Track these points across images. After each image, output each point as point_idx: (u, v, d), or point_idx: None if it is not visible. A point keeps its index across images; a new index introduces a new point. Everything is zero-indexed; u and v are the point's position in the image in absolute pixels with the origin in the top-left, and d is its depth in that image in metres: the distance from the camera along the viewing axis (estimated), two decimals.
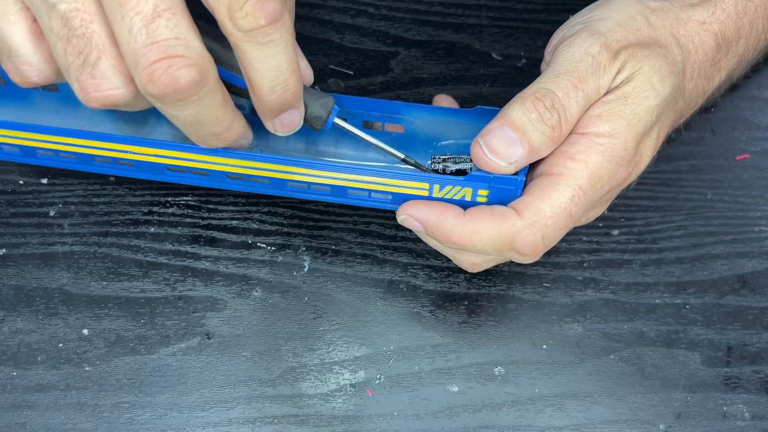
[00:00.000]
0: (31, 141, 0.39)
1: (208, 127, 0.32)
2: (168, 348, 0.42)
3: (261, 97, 0.31)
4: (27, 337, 0.41)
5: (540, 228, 0.35)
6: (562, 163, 0.35)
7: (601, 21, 0.37)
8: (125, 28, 0.27)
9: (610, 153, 0.35)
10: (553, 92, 0.34)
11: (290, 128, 0.34)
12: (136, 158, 0.38)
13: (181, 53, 0.28)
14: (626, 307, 0.44)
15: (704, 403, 0.42)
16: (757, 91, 0.51)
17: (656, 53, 0.36)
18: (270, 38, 0.29)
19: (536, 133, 0.34)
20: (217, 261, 0.44)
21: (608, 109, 0.35)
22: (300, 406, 0.40)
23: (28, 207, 0.45)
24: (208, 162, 0.37)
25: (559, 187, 0.35)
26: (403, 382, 0.41)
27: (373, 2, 0.53)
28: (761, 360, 0.43)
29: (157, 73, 0.27)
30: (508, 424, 0.40)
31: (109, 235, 0.44)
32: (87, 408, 0.40)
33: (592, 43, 0.35)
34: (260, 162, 0.36)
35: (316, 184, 0.37)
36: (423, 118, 0.40)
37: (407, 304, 0.43)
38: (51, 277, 0.43)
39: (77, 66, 0.29)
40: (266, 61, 0.30)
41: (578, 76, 0.34)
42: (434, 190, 0.36)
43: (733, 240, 0.46)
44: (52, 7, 0.28)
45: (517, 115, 0.34)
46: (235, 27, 0.28)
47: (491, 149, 0.34)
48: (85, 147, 0.38)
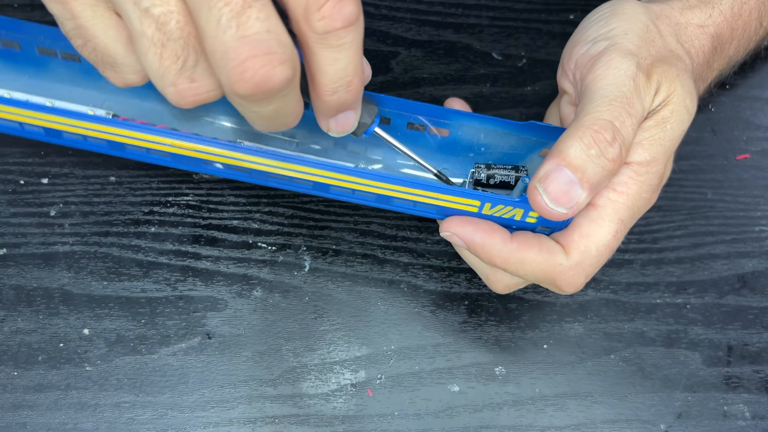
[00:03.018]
0: (58, 124, 0.36)
1: (282, 118, 0.30)
2: (168, 348, 0.42)
3: (322, 97, 0.30)
4: (28, 337, 0.41)
5: (585, 268, 0.35)
6: (605, 194, 0.35)
7: (624, 36, 0.36)
8: (213, 20, 0.25)
9: (648, 183, 0.35)
10: (612, 122, 0.33)
11: (345, 129, 0.33)
12: (173, 151, 0.36)
13: (275, 49, 0.26)
14: (627, 307, 0.44)
15: (705, 403, 0.42)
16: (757, 91, 0.51)
17: (682, 70, 0.37)
18: (343, 41, 0.28)
19: (597, 169, 0.33)
20: (217, 261, 0.44)
21: (649, 136, 0.35)
22: (301, 406, 0.40)
23: (29, 207, 0.45)
24: (250, 162, 0.36)
25: (604, 223, 0.35)
26: (404, 382, 0.41)
27: (373, 2, 0.53)
28: (762, 360, 0.43)
29: (249, 73, 0.26)
30: (508, 424, 0.40)
31: (109, 234, 0.44)
32: (88, 408, 0.40)
33: (629, 66, 0.35)
34: (306, 166, 0.35)
35: (362, 192, 0.37)
36: (469, 125, 0.39)
37: (408, 303, 0.43)
38: (51, 276, 0.43)
39: (175, 71, 0.28)
40: (335, 63, 0.29)
41: (628, 101, 0.34)
42: (485, 208, 0.36)
43: (733, 240, 0.46)
44: (146, 12, 0.27)
45: (575, 152, 0.32)
46: (310, 28, 0.27)
47: (553, 198, 0.33)
48: (117, 135, 0.36)
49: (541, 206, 0.33)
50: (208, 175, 0.46)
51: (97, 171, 0.46)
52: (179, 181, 0.46)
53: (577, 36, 0.39)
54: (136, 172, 0.46)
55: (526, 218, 0.36)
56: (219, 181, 0.46)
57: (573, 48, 0.38)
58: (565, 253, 0.35)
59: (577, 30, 0.39)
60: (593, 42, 0.37)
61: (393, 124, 0.40)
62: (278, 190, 0.46)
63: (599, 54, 0.36)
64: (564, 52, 0.39)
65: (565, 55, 0.39)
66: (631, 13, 0.37)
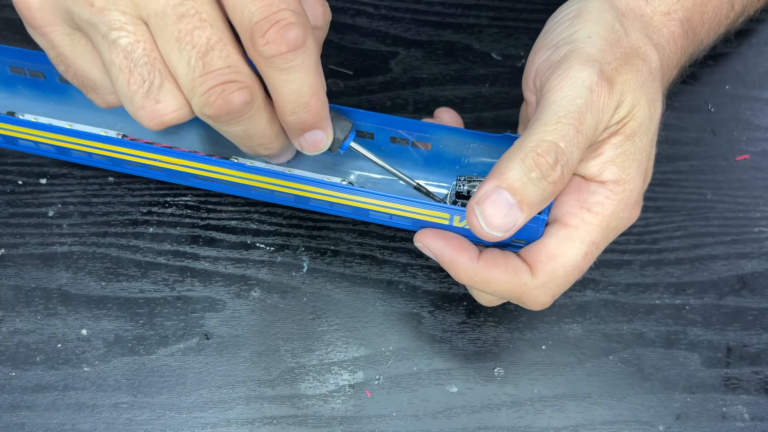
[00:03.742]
0: (66, 143, 0.40)
1: (256, 139, 0.33)
2: (167, 348, 0.41)
3: (283, 117, 0.32)
4: (26, 338, 0.41)
5: (551, 288, 0.35)
6: (579, 214, 0.35)
7: (587, 40, 0.35)
8: (183, 61, 0.30)
9: (625, 201, 0.35)
10: (556, 144, 0.32)
11: (316, 148, 0.34)
12: (168, 167, 0.39)
13: (233, 79, 0.30)
14: (626, 308, 0.44)
15: (704, 404, 0.41)
16: (757, 92, 0.51)
17: (647, 76, 0.35)
18: (291, 65, 0.30)
19: (537, 192, 0.32)
20: (216, 261, 0.44)
21: (621, 152, 0.35)
22: (299, 407, 0.40)
23: (27, 207, 0.45)
24: (235, 176, 0.38)
25: (574, 244, 0.34)
26: (402, 383, 0.41)
27: (372, 2, 0.53)
28: (761, 361, 0.43)
29: (212, 98, 0.30)
30: (507, 425, 0.40)
31: (108, 235, 0.44)
32: (85, 408, 0.40)
33: (589, 74, 0.33)
34: (286, 180, 0.37)
35: (339, 205, 0.38)
36: (450, 138, 0.40)
37: (406, 304, 0.43)
38: (50, 277, 0.43)
39: (142, 94, 0.31)
40: (286, 85, 0.31)
41: (579, 117, 0.32)
42: (454, 221, 0.36)
43: (732, 241, 0.46)
44: (113, 43, 0.30)
45: (515, 174, 0.32)
46: (257, 53, 0.30)
47: (488, 221, 0.32)
48: (116, 152, 0.39)
49: (476, 228, 0.32)
50: None
51: (96, 172, 0.46)
52: None
53: (540, 40, 0.37)
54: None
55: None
56: None
57: (535, 54, 0.37)
58: (531, 273, 0.35)
59: (541, 33, 0.38)
60: (555, 47, 0.35)
61: (376, 139, 0.41)
62: None
63: (560, 61, 0.34)
64: (528, 59, 0.38)
65: (528, 62, 0.38)
66: (597, 12, 0.36)
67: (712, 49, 0.46)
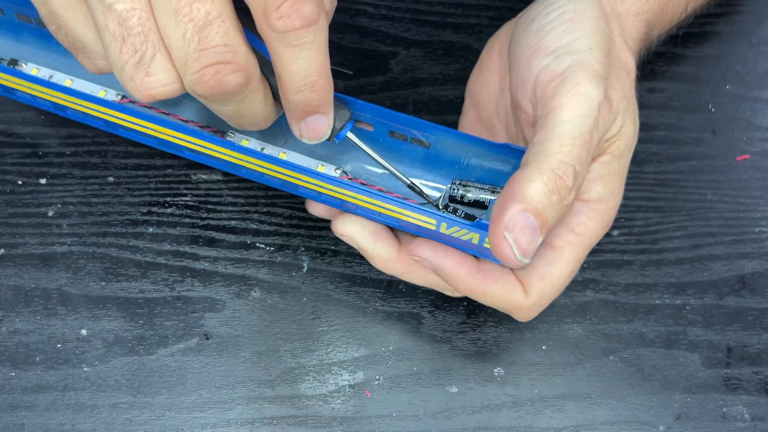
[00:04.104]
0: (62, 101, 0.39)
1: (246, 118, 0.33)
2: (166, 348, 0.41)
3: (287, 96, 0.31)
4: (25, 338, 0.41)
5: (540, 306, 0.37)
6: (563, 235, 0.36)
7: (589, 52, 0.34)
8: (179, 33, 0.28)
9: (607, 219, 0.36)
10: (573, 167, 0.31)
11: (316, 135, 0.33)
12: (160, 137, 0.39)
13: (229, 59, 0.29)
14: (626, 308, 0.44)
15: (704, 405, 0.41)
16: (757, 92, 0.51)
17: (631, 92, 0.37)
18: (303, 41, 0.29)
19: (555, 214, 0.31)
20: (215, 261, 0.44)
21: (608, 171, 0.35)
22: (299, 407, 0.40)
23: (27, 207, 0.45)
24: (227, 155, 0.38)
25: (561, 265, 0.36)
26: (402, 383, 0.41)
27: (372, 2, 0.53)
28: (761, 361, 0.43)
29: (206, 77, 0.29)
30: (507, 425, 0.40)
31: (107, 235, 0.44)
32: (85, 409, 0.40)
33: (597, 93, 0.33)
34: (277, 166, 0.37)
35: (328, 196, 0.38)
36: (448, 140, 0.39)
37: (406, 304, 0.43)
38: (49, 277, 0.43)
39: (133, 64, 0.29)
40: (296, 62, 0.30)
41: (590, 138, 0.32)
42: (441, 227, 0.35)
43: (733, 241, 0.46)
44: (109, 8, 0.29)
45: (540, 198, 0.31)
46: (270, 27, 0.28)
47: (521, 249, 0.31)
48: (111, 116, 0.39)
49: (508, 257, 0.31)
50: (206, 176, 0.46)
51: (96, 171, 0.46)
52: (177, 181, 0.46)
53: (531, 40, 0.36)
54: (135, 173, 0.46)
55: (483, 243, 0.35)
56: (217, 181, 0.46)
57: (530, 58, 0.35)
58: (524, 293, 0.36)
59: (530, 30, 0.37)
60: (555, 55, 0.34)
61: (375, 132, 0.40)
62: (276, 191, 0.46)
63: (564, 74, 0.33)
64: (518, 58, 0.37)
65: (521, 64, 0.36)
66: (592, 18, 0.36)
67: (711, 48, 0.47)
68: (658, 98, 0.51)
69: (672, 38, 0.50)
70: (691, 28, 0.51)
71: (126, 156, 0.46)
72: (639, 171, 0.48)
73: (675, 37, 0.51)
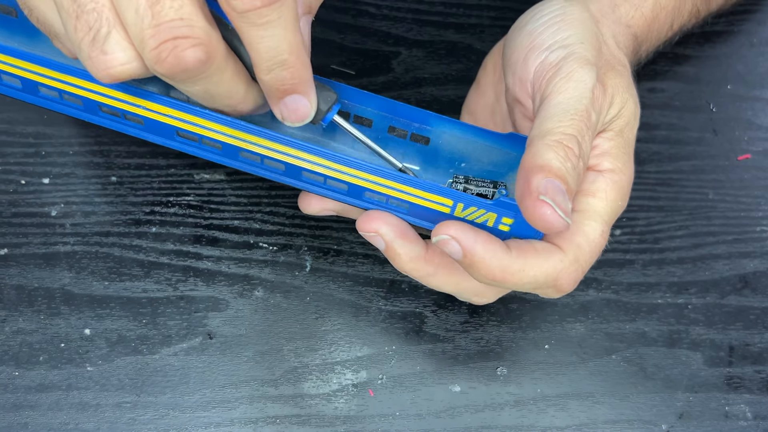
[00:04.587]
0: (34, 75, 0.36)
1: (219, 99, 0.31)
2: (170, 348, 0.42)
3: (260, 76, 0.30)
4: (29, 337, 0.41)
5: (581, 264, 0.34)
6: (585, 200, 0.35)
7: (581, 45, 0.36)
8: (131, 9, 0.27)
9: (623, 189, 0.36)
10: (575, 137, 0.32)
11: (297, 117, 0.32)
12: (146, 114, 0.36)
13: (186, 34, 0.27)
14: (628, 307, 0.44)
15: (706, 403, 0.42)
16: (758, 92, 0.51)
17: (629, 79, 0.37)
18: (266, 19, 0.28)
19: (572, 180, 0.32)
20: (218, 261, 0.44)
21: (614, 145, 0.36)
22: (302, 407, 0.40)
23: (30, 207, 0.45)
24: (221, 133, 0.35)
25: (590, 223, 0.35)
26: (405, 382, 0.41)
27: (374, 2, 0.53)
28: (763, 360, 0.43)
29: (163, 54, 0.27)
30: (510, 424, 0.40)
31: (110, 235, 0.44)
32: (89, 408, 0.40)
33: (590, 78, 0.34)
34: (278, 144, 0.34)
35: (334, 180, 0.35)
36: (451, 133, 0.38)
37: (409, 303, 0.43)
38: (53, 277, 0.43)
39: (88, 42, 0.28)
40: (263, 41, 0.29)
41: (587, 115, 0.33)
42: (457, 209, 0.34)
43: (734, 240, 0.46)
44: None
45: (557, 164, 0.31)
46: (230, 7, 0.28)
47: (561, 207, 0.30)
48: (92, 92, 0.36)
49: (552, 219, 0.30)
50: (209, 176, 0.46)
51: (99, 171, 0.46)
52: (180, 181, 0.46)
53: (525, 40, 0.37)
54: (137, 173, 0.46)
55: (499, 225, 0.34)
56: (220, 181, 0.46)
57: (527, 56, 0.37)
58: (562, 251, 0.34)
59: (523, 33, 0.38)
60: (549, 50, 0.36)
61: (375, 126, 0.39)
62: (279, 190, 0.46)
63: (558, 63, 0.35)
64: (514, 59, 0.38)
65: (516, 63, 0.37)
66: (580, 18, 0.37)
67: (711, 48, 0.47)
68: (659, 98, 0.51)
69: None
70: (692, 28, 0.52)
71: (129, 156, 0.46)
72: (641, 171, 0.48)
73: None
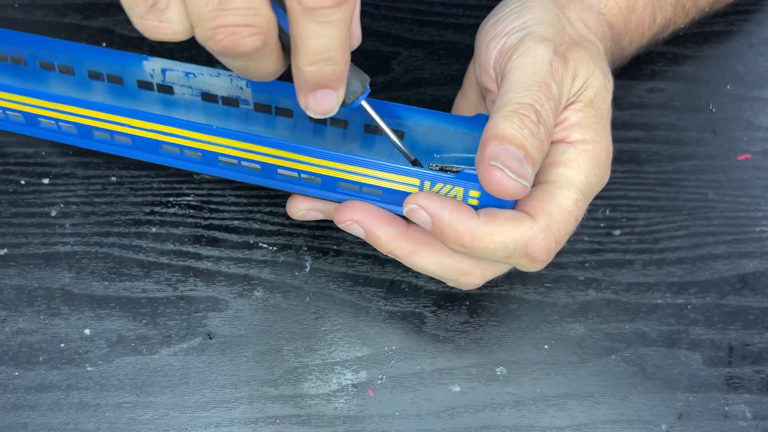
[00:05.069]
0: (30, 107, 0.39)
1: (252, 73, 0.31)
2: (170, 348, 0.42)
3: (300, 65, 0.30)
4: (29, 337, 0.41)
5: (554, 232, 0.34)
6: (555, 171, 0.35)
7: (539, 26, 0.36)
8: None
9: (597, 157, 0.36)
10: (533, 105, 0.33)
11: (322, 110, 0.32)
12: (132, 132, 0.38)
13: (249, 23, 0.28)
14: (628, 308, 0.44)
15: (706, 403, 0.42)
16: (758, 92, 0.52)
17: (596, 54, 0.37)
18: (329, 19, 0.28)
19: (534, 146, 0.32)
20: (218, 261, 0.44)
21: (583, 116, 0.36)
22: (302, 407, 0.40)
23: (30, 207, 0.45)
24: (200, 141, 0.37)
25: (562, 191, 0.35)
26: (405, 383, 0.41)
27: (374, 2, 0.53)
28: (763, 360, 0.43)
29: (220, 35, 0.28)
30: (509, 425, 0.40)
31: (110, 235, 0.44)
32: (89, 408, 0.40)
33: (546, 51, 0.35)
34: (252, 144, 0.36)
35: (307, 174, 0.37)
36: (424, 125, 0.40)
37: (409, 304, 0.43)
38: (52, 277, 0.43)
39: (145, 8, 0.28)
40: (317, 38, 0.29)
41: (545, 85, 0.34)
42: (424, 187, 0.35)
43: (734, 240, 0.46)
44: None
45: (512, 131, 0.32)
46: (298, 2, 0.27)
47: (514, 171, 0.31)
48: (81, 117, 0.38)
49: (504, 182, 0.31)
50: (208, 176, 0.46)
51: (98, 171, 0.46)
52: (180, 181, 0.46)
53: (489, 31, 0.38)
54: (137, 173, 0.46)
55: (468, 199, 0.35)
56: (220, 181, 0.46)
57: (488, 44, 0.38)
58: (532, 218, 0.34)
59: (487, 25, 0.39)
60: (508, 34, 0.37)
61: (350, 127, 0.40)
62: (279, 190, 0.46)
63: (516, 44, 0.36)
64: (479, 51, 0.39)
65: (480, 53, 0.38)
66: (541, 4, 0.38)
67: (711, 48, 0.47)
68: (658, 98, 0.51)
69: (672, 38, 0.51)
70: (692, 28, 0.52)
71: None
72: (640, 171, 0.48)
73: (675, 37, 0.52)
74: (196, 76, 0.42)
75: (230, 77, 0.42)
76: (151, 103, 0.43)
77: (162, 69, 0.42)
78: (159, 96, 0.43)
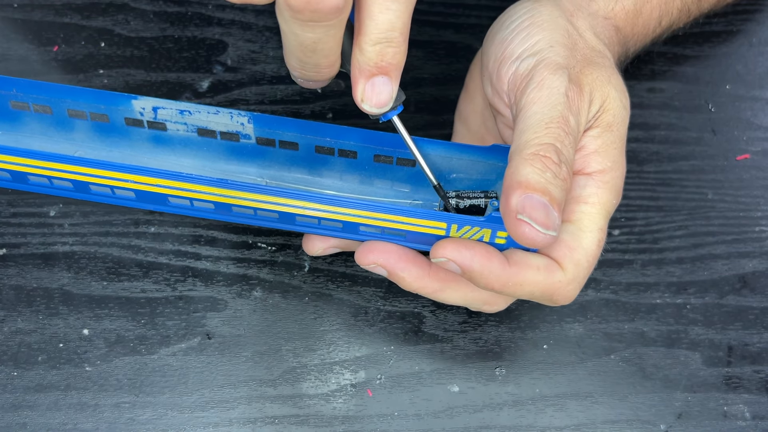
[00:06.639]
0: (21, 166, 0.36)
1: (318, 56, 0.31)
2: (168, 348, 0.42)
3: (363, 46, 0.30)
4: (27, 337, 0.41)
5: (580, 281, 0.35)
6: (578, 208, 0.35)
7: (551, 50, 0.36)
8: None
9: (615, 188, 0.36)
10: (553, 145, 0.32)
11: (378, 101, 0.32)
12: (137, 188, 0.36)
13: None
14: (627, 307, 0.44)
15: (705, 403, 0.41)
16: (758, 92, 0.51)
17: (610, 70, 0.37)
18: None
19: (557, 191, 0.32)
20: (217, 261, 0.44)
21: (602, 143, 0.35)
22: (300, 407, 0.40)
23: (29, 207, 0.45)
24: (212, 194, 0.35)
25: (585, 234, 0.35)
26: (404, 382, 0.41)
27: None
28: (762, 360, 0.43)
29: None
30: (508, 425, 0.40)
31: (109, 235, 0.44)
32: (87, 408, 0.40)
33: (561, 82, 0.34)
34: (268, 195, 0.35)
35: (327, 220, 0.36)
36: (435, 154, 0.39)
37: (408, 304, 0.43)
38: (51, 277, 0.43)
39: None
40: (386, 12, 0.29)
41: (563, 120, 0.33)
42: (452, 230, 0.35)
43: (733, 240, 0.46)
44: None
45: (535, 178, 0.31)
46: None
47: (542, 224, 0.31)
48: (79, 174, 0.36)
49: (532, 236, 0.31)
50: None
51: None
52: None
53: (497, 50, 0.37)
54: None
55: (495, 239, 0.35)
56: None
57: (499, 68, 0.37)
58: (561, 269, 0.35)
59: (495, 41, 0.38)
60: (520, 60, 0.36)
61: (360, 157, 0.40)
62: None
63: (529, 72, 0.35)
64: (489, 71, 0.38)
65: (491, 74, 0.38)
66: (549, 18, 0.37)
67: (711, 48, 0.47)
68: (658, 98, 0.51)
69: (672, 38, 0.51)
70: (691, 28, 0.52)
71: None
72: (640, 171, 0.48)
73: (675, 37, 0.52)
74: (191, 113, 0.40)
75: (230, 114, 0.39)
76: (142, 140, 0.41)
77: (153, 107, 0.40)
78: (150, 132, 0.41)
